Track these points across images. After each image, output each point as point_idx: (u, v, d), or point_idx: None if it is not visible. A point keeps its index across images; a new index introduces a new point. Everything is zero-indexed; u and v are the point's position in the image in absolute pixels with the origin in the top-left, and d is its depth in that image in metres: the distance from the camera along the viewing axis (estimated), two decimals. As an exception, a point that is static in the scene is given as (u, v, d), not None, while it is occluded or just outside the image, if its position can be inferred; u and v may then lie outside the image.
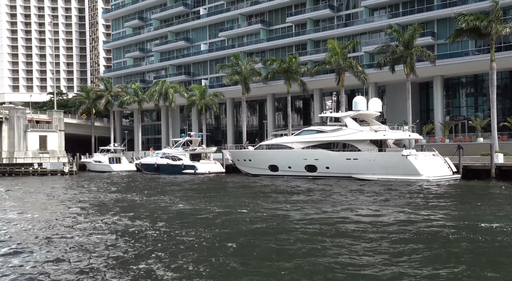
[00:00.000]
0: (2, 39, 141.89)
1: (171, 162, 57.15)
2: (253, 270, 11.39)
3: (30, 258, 13.06)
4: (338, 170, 41.43)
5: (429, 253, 12.56)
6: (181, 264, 12.02)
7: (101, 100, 78.28)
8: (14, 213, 23.68)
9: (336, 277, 10.52)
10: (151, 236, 16.03)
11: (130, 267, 11.91)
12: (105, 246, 14.56)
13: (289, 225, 17.56)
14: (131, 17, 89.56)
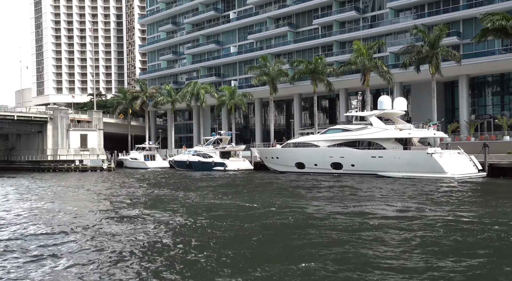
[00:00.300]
0: (47, 45, 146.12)
1: (202, 159, 57.50)
2: (282, 264, 11.26)
3: (68, 245, 13.33)
4: (363, 168, 40.78)
5: (457, 250, 12.15)
6: (211, 255, 12.01)
7: (137, 101, 79.53)
8: (58, 205, 24.30)
9: (366, 270, 10.28)
10: (182, 228, 16.11)
11: (156, 257, 11.98)
12: (136, 235, 14.72)
13: (317, 220, 17.31)
14: (165, 22, 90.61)
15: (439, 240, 13.35)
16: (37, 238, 15.04)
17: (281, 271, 10.40)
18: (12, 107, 77.52)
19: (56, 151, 68.63)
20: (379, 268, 10.41)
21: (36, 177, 52.52)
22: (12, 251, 13.08)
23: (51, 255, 12.44)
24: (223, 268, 10.83)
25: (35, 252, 12.91)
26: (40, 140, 70.81)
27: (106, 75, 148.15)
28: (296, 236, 14.25)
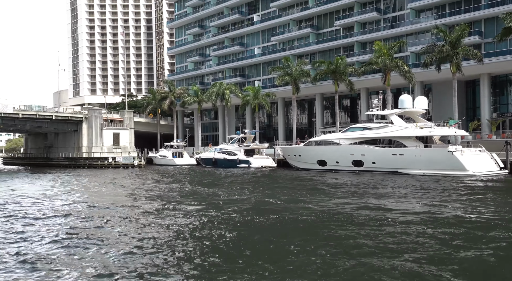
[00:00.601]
0: (82, 49, 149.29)
1: (227, 157, 57.68)
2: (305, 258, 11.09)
3: (104, 233, 13.54)
4: (384, 165, 40.11)
5: (481, 246, 11.73)
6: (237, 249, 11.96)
7: (165, 101, 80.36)
8: (94, 198, 24.76)
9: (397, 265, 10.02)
10: (208, 220, 16.13)
11: (184, 248, 11.99)
12: (166, 227, 14.81)
13: (340, 215, 17.06)
14: (192, 26, 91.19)
15: (457, 236, 12.93)
16: (83, 226, 15.43)
17: (300, 265, 10.23)
18: (50, 107, 79.42)
19: (91, 148, 70.01)
20: (403, 265, 10.13)
21: (73, 173, 53.72)
22: (57, 236, 13.36)
23: (96, 240, 12.65)
24: (249, 262, 10.74)
25: (79, 238, 13.15)
26: (76, 138, 72.40)
27: (136, 77, 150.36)
28: (319, 231, 14.05)
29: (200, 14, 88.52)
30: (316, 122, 67.86)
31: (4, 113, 63.59)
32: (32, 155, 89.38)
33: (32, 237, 14.32)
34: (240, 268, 10.29)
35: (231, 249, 12.12)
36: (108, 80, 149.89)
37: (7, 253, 12.21)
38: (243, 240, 13.26)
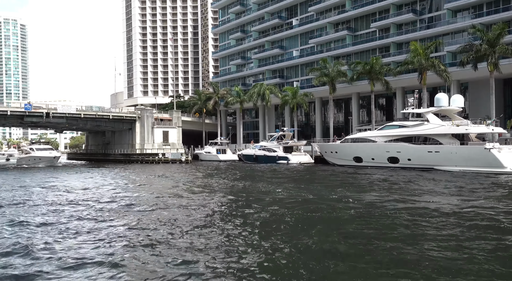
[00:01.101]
0: (136, 54, 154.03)
1: (267, 153, 57.71)
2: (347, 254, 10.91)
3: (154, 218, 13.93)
4: (419, 162, 38.80)
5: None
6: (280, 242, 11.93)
7: (210, 101, 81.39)
8: (146, 190, 25.54)
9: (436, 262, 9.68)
10: (250, 212, 16.21)
11: (226, 240, 12.09)
12: (208, 219, 15.02)
13: (380, 211, 16.66)
14: (235, 31, 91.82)
15: (497, 234, 12.28)
16: (139, 211, 15.92)
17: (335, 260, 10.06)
18: (108, 108, 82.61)
19: (143, 145, 72.10)
20: (439, 262, 9.74)
21: (128, 167, 55.61)
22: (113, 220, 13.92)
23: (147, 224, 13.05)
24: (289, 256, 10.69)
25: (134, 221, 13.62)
26: (130, 136, 74.75)
27: (184, 79, 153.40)
28: (358, 226, 13.78)
29: (242, 20, 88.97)
30: (352, 121, 66.56)
31: (68, 113, 66.73)
32: (92, 150, 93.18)
33: (106, 218, 14.94)
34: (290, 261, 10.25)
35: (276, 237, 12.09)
36: (158, 83, 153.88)
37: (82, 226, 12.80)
38: (286, 233, 13.20)
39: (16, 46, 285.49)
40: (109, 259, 10.31)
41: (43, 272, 9.41)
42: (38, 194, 24.96)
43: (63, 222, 15.40)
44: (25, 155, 69.39)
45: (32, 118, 64.77)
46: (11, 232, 13.68)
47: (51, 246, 11.66)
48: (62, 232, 13.63)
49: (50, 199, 22.13)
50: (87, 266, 9.79)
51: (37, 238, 12.69)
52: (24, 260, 10.37)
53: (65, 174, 44.56)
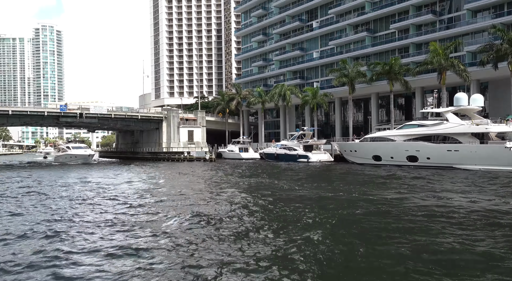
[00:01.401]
0: (163, 58, 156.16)
1: (288, 152, 57.53)
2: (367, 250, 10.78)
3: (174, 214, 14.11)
4: (438, 160, 37.91)
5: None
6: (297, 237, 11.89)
7: (233, 102, 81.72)
8: (175, 185, 25.91)
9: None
10: (272, 209, 16.21)
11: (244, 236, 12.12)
12: (229, 214, 15.09)
13: (401, 208, 16.39)
14: (257, 34, 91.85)
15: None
16: (165, 204, 16.21)
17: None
18: (136, 109, 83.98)
19: (169, 144, 73.05)
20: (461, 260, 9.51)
21: (156, 165, 56.49)
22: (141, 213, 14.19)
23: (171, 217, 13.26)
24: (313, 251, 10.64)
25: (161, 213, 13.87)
26: (157, 135, 75.85)
27: (208, 81, 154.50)
28: (377, 222, 13.59)
29: (264, 23, 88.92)
30: (372, 120, 65.58)
31: (100, 114, 68.27)
32: (122, 149, 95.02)
33: (140, 209, 15.27)
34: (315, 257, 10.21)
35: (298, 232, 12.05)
36: (184, 84, 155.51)
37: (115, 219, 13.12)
38: (307, 230, 13.14)
39: (53, 51, 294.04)
40: (139, 245, 10.53)
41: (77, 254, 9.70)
42: (77, 187, 25.69)
43: (96, 213, 15.81)
44: (62, 153, 70.82)
45: (67, 118, 66.57)
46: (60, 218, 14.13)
47: (88, 234, 12.00)
48: (97, 222, 14.00)
49: (87, 193, 22.75)
50: (118, 253, 10.02)
51: (75, 226, 13.07)
52: (63, 245, 10.71)
53: (99, 170, 45.69)
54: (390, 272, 8.67)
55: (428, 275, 8.37)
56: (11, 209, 17.79)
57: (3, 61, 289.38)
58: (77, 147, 70.54)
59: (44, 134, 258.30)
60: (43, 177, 35.76)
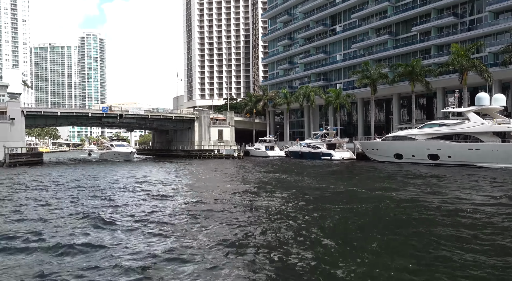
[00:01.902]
0: (195, 62, 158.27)
1: (312, 150, 57.13)
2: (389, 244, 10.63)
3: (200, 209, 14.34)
4: (460, 159, 36.67)
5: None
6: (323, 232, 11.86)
7: (260, 103, 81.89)
8: (207, 180, 26.32)
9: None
10: (299, 204, 16.19)
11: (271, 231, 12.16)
12: (256, 209, 15.18)
13: (424, 204, 16.01)
14: (282, 38, 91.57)
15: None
16: (202, 197, 16.55)
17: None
18: (170, 110, 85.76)
19: (201, 142, 74.06)
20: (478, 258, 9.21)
21: (188, 162, 57.43)
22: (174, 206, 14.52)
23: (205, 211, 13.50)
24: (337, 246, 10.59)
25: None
26: (190, 134, 77.04)
27: (236, 83, 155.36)
28: (402, 219, 13.34)
29: (289, 28, 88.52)
30: (393, 120, 64.09)
31: (138, 115, 70.02)
32: (157, 147, 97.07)
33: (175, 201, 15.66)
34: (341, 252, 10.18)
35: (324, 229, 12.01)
36: (214, 87, 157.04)
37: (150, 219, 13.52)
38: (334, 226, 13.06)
39: (96, 57, 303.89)
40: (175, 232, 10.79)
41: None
42: (122, 181, 26.54)
43: (139, 203, 16.31)
44: (106, 150, 72.56)
45: (108, 119, 68.65)
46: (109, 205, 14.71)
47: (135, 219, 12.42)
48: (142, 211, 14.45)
49: (133, 186, 23.46)
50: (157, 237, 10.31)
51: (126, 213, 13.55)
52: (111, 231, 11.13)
53: (139, 166, 46.94)
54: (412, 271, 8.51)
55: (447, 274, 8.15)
56: (88, 194, 18.66)
57: (53, 68, 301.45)
58: (120, 145, 71.28)
59: (88, 134, 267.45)
60: (96, 172, 37.16)
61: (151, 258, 9.13)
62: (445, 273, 7.89)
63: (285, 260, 8.91)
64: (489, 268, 8.08)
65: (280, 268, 8.45)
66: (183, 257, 9.14)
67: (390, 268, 8.23)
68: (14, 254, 9.74)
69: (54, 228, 12.35)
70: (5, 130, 56.42)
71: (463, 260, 8.60)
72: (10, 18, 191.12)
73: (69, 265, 8.78)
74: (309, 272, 8.12)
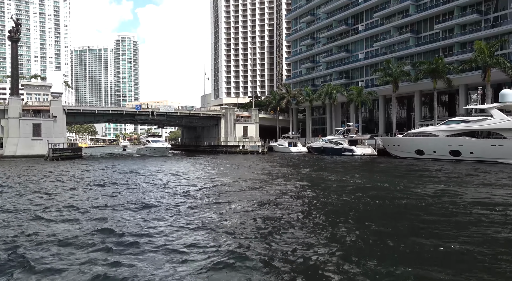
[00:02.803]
0: (221, 62, 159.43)
1: (334, 146, 56.54)
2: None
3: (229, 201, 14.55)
4: (482, 155, 35.37)
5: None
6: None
7: (283, 101, 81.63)
8: (235, 174, 26.67)
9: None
10: (322, 198, 16.18)
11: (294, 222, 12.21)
12: (288, 200, 15.26)
13: (454, 200, 15.65)
14: (305, 38, 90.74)
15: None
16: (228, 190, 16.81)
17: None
18: (198, 107, 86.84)
19: (227, 138, 74.72)
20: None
21: (215, 157, 58.11)
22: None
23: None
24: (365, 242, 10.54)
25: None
26: (216, 131, 77.86)
27: (261, 82, 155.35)
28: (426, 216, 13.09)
29: (312, 28, 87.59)
30: (415, 117, 62.40)
31: (168, 112, 71.46)
32: (186, 142, 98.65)
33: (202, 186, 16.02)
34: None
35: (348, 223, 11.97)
36: (239, 85, 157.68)
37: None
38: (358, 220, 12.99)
39: (130, 58, 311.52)
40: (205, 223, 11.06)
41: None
42: (164, 177, 27.31)
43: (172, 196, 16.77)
44: (143, 146, 72.74)
45: (141, 116, 70.36)
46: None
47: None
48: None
49: (168, 179, 24.10)
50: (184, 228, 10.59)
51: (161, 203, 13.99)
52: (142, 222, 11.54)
53: (175, 161, 47.94)
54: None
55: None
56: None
57: (91, 69, 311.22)
58: (156, 141, 70.72)
59: (123, 130, 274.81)
60: (138, 165, 38.24)
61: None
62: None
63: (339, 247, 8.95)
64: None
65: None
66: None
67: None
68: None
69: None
70: (48, 127, 58.98)
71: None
72: (53, 23, 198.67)
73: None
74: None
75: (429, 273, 7.19)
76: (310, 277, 7.25)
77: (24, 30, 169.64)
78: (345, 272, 7.38)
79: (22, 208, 14.35)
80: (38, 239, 9.75)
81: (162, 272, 7.49)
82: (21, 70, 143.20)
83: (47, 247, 9.07)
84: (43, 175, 28.15)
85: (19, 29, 64.92)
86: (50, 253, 8.63)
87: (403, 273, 7.17)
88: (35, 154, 54.88)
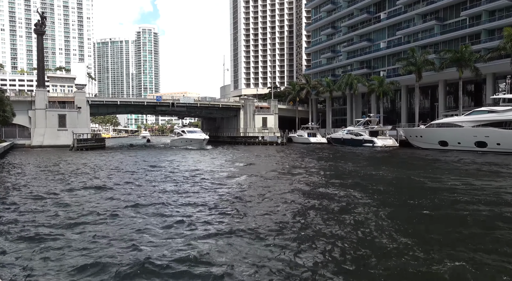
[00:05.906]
0: (240, 53, 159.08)
1: (354, 137, 55.82)
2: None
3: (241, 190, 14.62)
4: (509, 146, 34.19)
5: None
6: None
7: (303, 91, 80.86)
8: (256, 165, 26.81)
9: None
10: (339, 189, 16.07)
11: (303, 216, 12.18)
12: (306, 192, 15.22)
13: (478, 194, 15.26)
14: (326, 27, 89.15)
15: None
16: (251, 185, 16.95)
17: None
18: (218, 99, 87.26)
19: (246, 129, 74.90)
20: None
21: (235, 147, 58.39)
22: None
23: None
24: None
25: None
26: (236, 121, 78.12)
27: (280, 72, 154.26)
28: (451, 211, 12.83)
29: (333, 17, 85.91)
30: (439, 107, 60.62)
31: (188, 103, 72.14)
32: (206, 133, 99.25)
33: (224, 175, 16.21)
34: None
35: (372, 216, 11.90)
36: (258, 76, 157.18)
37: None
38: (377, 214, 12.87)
39: (151, 50, 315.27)
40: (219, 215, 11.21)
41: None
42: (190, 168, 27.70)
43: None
44: (177, 137, 61.22)
45: (162, 107, 71.35)
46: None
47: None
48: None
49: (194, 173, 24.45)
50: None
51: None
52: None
53: (197, 153, 48.48)
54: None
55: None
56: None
57: (113, 60, 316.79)
58: (192, 131, 59.60)
59: (144, 121, 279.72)
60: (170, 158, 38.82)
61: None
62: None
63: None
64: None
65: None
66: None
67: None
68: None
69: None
70: (73, 118, 60.71)
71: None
72: (76, 16, 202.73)
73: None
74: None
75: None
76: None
77: (49, 23, 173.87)
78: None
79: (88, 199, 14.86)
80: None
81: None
82: (46, 62, 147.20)
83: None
84: (91, 167, 29.00)
85: (44, 23, 66.64)
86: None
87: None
88: (60, 144, 56.66)
